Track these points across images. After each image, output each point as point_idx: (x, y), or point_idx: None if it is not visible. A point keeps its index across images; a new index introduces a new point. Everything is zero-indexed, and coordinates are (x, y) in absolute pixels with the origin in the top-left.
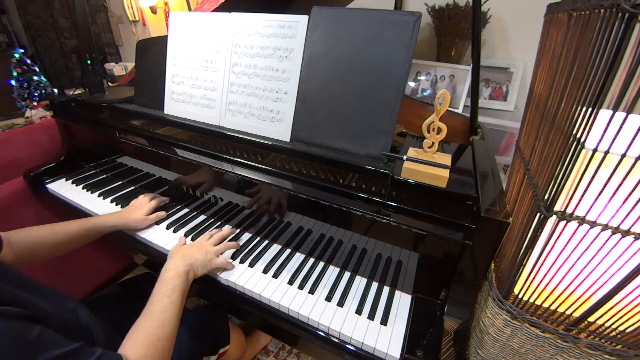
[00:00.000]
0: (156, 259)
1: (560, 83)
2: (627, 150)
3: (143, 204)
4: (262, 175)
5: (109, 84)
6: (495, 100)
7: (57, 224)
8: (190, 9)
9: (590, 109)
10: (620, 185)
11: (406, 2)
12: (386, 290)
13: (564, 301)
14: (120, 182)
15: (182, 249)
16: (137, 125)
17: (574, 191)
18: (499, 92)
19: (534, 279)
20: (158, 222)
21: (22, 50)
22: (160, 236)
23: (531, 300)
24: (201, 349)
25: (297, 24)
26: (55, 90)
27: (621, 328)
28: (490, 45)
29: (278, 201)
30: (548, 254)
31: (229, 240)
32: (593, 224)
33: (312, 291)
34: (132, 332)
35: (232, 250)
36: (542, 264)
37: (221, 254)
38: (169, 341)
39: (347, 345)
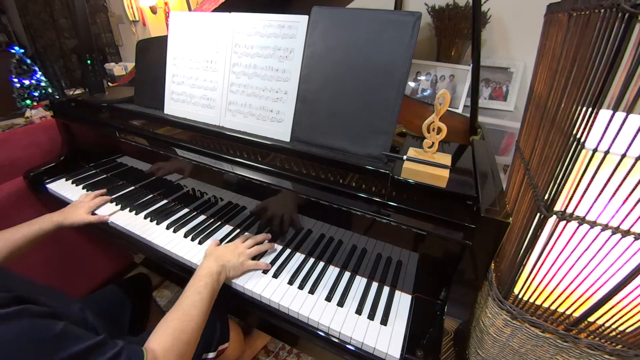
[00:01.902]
0: (156, 258)
1: (560, 83)
2: (627, 151)
3: (84, 202)
4: (262, 175)
5: (109, 84)
6: (495, 100)
7: (4, 231)
8: (190, 9)
9: (590, 109)
10: (620, 185)
11: (406, 2)
12: (386, 290)
13: (564, 301)
14: (120, 182)
15: (217, 250)
16: (137, 125)
17: (574, 191)
18: (499, 92)
19: (534, 279)
20: (158, 223)
21: (22, 50)
22: (160, 236)
23: (531, 300)
24: (200, 345)
25: (297, 24)
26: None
27: (621, 328)
28: (490, 45)
29: (279, 202)
30: (548, 254)
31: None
32: (593, 224)
33: (312, 291)
34: (161, 324)
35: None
36: (542, 264)
37: (254, 258)
38: (194, 335)
39: (347, 345)
